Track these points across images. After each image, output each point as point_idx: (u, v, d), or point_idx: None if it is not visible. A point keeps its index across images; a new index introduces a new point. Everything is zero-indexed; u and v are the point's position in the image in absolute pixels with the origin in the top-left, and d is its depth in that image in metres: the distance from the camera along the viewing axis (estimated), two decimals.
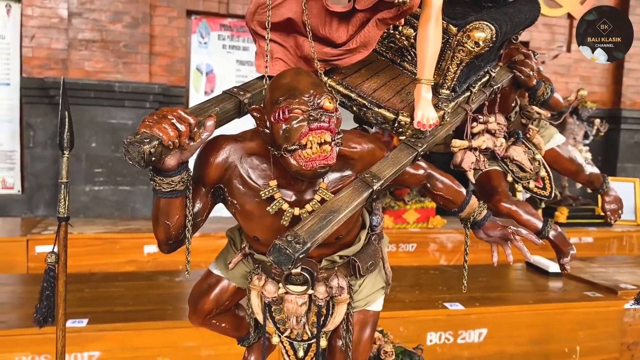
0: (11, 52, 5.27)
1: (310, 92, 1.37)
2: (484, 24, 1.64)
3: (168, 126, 1.26)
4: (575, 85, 6.63)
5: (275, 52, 1.64)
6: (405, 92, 1.70)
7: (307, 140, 1.34)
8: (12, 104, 5.28)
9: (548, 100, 2.25)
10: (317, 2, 1.58)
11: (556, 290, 4.40)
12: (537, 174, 2.45)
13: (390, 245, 5.39)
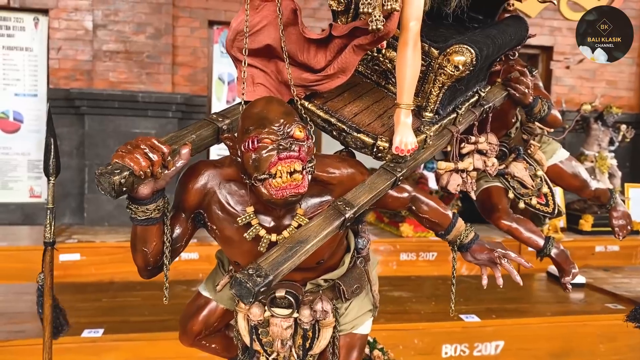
0: (39, 64, 5.42)
1: (280, 122, 1.38)
2: (464, 47, 1.63)
3: (140, 156, 1.28)
4: (601, 90, 6.49)
5: (257, 78, 1.65)
6: (388, 115, 1.70)
7: (276, 170, 1.35)
8: (39, 115, 5.43)
9: (545, 117, 2.22)
10: (295, 29, 1.59)
11: (577, 301, 4.32)
12: (539, 191, 2.41)
13: (410, 254, 5.37)
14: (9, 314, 3.47)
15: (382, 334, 3.56)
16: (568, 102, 6.36)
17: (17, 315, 3.45)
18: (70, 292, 3.95)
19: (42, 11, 5.38)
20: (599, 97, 6.23)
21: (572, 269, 2.33)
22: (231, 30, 1.61)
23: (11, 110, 5.38)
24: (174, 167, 1.36)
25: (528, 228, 2.35)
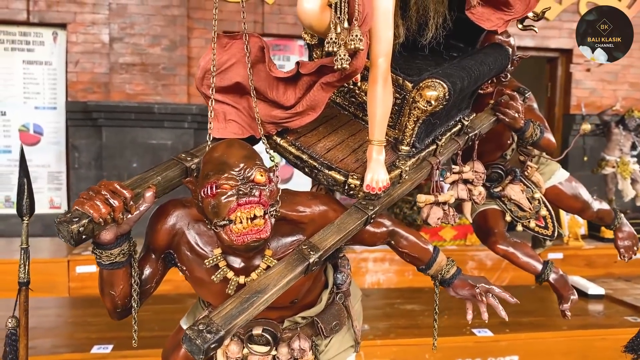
0: (57, 77, 5.52)
1: (240, 166, 1.36)
2: (437, 82, 1.59)
3: (100, 203, 1.28)
4: (623, 93, 6.34)
5: (229, 114, 1.65)
6: (362, 150, 1.67)
7: (235, 216, 1.34)
8: (58, 127, 5.53)
9: (538, 141, 2.16)
10: (264, 66, 1.59)
11: (595, 314, 4.23)
12: (538, 213, 2.36)
13: None
14: None
15: (393, 349, 3.54)
16: (589, 106, 6.23)
17: (30, 330, 3.48)
18: (83, 306, 4.01)
19: (61, 26, 5.48)
20: (620, 100, 6.08)
21: (570, 295, 2.27)
22: (200, 68, 1.61)
23: (31, 123, 5.49)
24: (137, 212, 1.36)
25: (525, 252, 2.30)
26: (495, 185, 2.34)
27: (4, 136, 5.43)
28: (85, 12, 5.47)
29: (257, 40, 1.60)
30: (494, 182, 2.34)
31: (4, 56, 5.41)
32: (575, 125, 6.22)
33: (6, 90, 5.42)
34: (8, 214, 5.38)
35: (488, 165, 2.36)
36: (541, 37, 6.14)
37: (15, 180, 5.44)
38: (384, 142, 1.57)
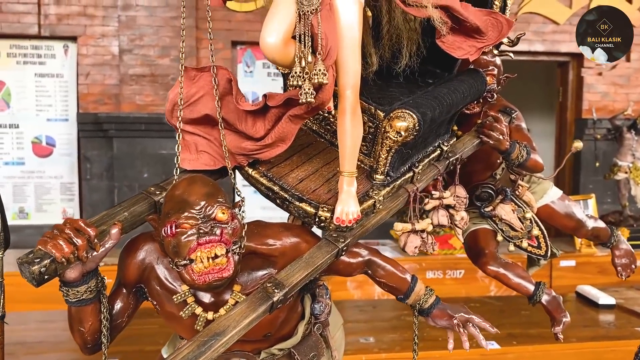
0: (69, 89, 5.60)
1: (200, 204, 1.36)
2: (406, 112, 1.58)
3: (63, 242, 1.28)
4: (636, 97, 6.23)
5: (200, 145, 1.66)
6: (336, 179, 1.66)
7: (196, 256, 1.33)
8: (70, 138, 5.61)
9: (525, 163, 2.13)
10: (233, 98, 1.60)
11: (606, 325, 4.16)
12: (530, 233, 2.33)
13: (437, 271, 5.29)
14: (29, 343, 3.56)
15: None
16: (601, 110, 6.14)
17: (37, 345, 3.55)
18: None
19: (71, 38, 5.55)
20: (632, 104, 5.98)
21: (563, 317, 2.24)
22: (168, 101, 1.62)
23: (44, 135, 5.58)
24: (102, 249, 1.36)
25: (517, 273, 2.28)
26: (486, 204, 2.32)
27: (17, 148, 5.53)
28: (95, 25, 5.54)
29: (225, 72, 1.61)
30: (484, 202, 2.33)
31: (16, 69, 5.50)
32: (587, 129, 6.14)
33: (19, 103, 5.52)
34: (22, 225, 5.47)
35: (478, 185, 2.34)
36: (551, 42, 6.06)
37: (30, 191, 5.55)
38: (354, 173, 1.57)
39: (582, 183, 6.29)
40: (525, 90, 7.97)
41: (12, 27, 5.41)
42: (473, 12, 1.64)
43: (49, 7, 5.44)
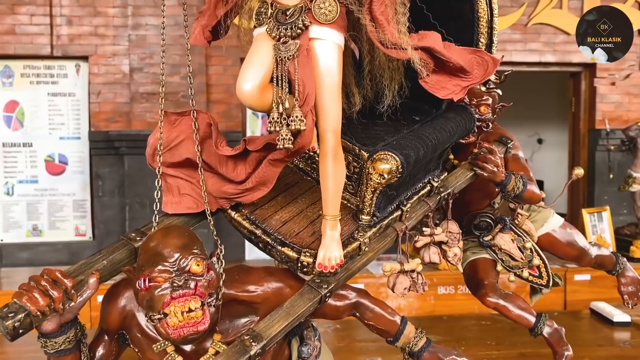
0: (81, 107, 5.67)
1: (174, 257, 1.35)
2: (389, 154, 1.57)
3: (38, 294, 1.28)
4: None
5: (182, 188, 1.67)
6: (321, 221, 1.64)
7: (169, 310, 1.33)
8: (82, 156, 5.68)
9: (521, 194, 2.10)
10: (213, 142, 1.60)
11: (621, 343, 4.09)
12: (530, 262, 2.30)
13: (449, 287, 5.24)
14: None
15: None
16: (614, 120, 6.05)
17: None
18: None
19: (83, 58, 5.62)
20: None
21: (565, 351, 2.21)
22: (149, 145, 1.63)
23: (56, 153, 5.65)
24: (80, 299, 1.36)
25: (517, 305, 2.25)
26: (485, 234, 2.30)
27: (31, 166, 5.60)
28: (106, 44, 5.61)
29: (205, 116, 1.62)
30: (483, 231, 2.31)
31: (29, 89, 5.59)
32: (601, 140, 6.06)
33: (32, 122, 5.60)
34: (35, 242, 5.55)
35: (476, 214, 2.32)
36: (562, 52, 6.00)
37: (44, 209, 5.62)
38: (338, 216, 1.56)
39: (597, 195, 6.20)
40: (537, 101, 7.91)
41: (25, 48, 5.50)
42: (457, 52, 1.62)
43: (61, 27, 5.52)
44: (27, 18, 5.51)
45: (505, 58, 6.00)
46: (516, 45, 6.01)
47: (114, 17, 5.61)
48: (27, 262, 5.47)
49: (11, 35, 5.49)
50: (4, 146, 5.56)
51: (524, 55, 6.03)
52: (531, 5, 5.95)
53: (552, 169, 7.89)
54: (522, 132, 8.18)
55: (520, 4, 5.93)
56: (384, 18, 1.48)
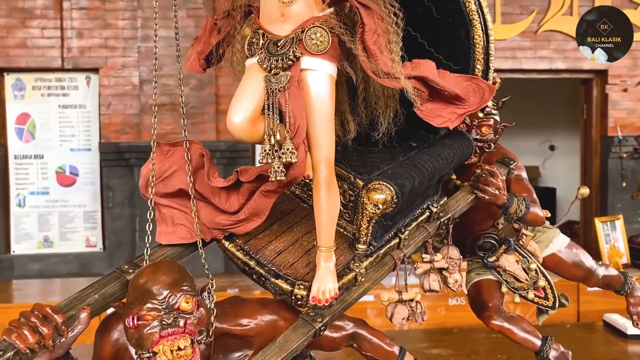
0: (91, 119, 5.72)
1: (163, 294, 1.34)
2: (384, 184, 1.55)
3: (28, 331, 1.28)
4: None
5: (177, 219, 1.66)
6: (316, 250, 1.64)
7: (158, 349, 1.32)
8: (93, 168, 5.72)
9: (524, 217, 2.07)
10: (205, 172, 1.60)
11: (635, 357, 4.03)
12: (536, 284, 2.27)
13: (460, 298, 5.19)
14: None
15: None
16: (627, 127, 5.98)
17: None
18: None
19: (93, 70, 5.67)
20: None
21: None
22: (142, 176, 1.64)
23: (67, 165, 5.69)
24: (71, 335, 1.36)
25: (522, 328, 2.23)
26: (489, 255, 2.28)
27: (42, 178, 5.65)
28: (116, 56, 5.65)
29: (198, 147, 1.62)
30: (487, 252, 2.28)
31: (41, 102, 5.64)
32: (614, 147, 5.99)
33: (43, 134, 5.65)
34: (46, 253, 5.59)
35: (480, 234, 2.30)
36: (573, 59, 5.94)
37: (54, 220, 5.67)
38: (332, 247, 1.54)
39: (610, 203, 6.12)
40: (548, 108, 7.85)
41: (36, 61, 5.56)
42: (452, 79, 1.61)
43: (71, 40, 5.57)
44: (38, 31, 5.57)
45: (515, 65, 5.97)
46: (526, 53, 5.96)
47: (123, 29, 5.66)
48: (38, 273, 5.51)
49: (23, 49, 5.55)
50: (15, 158, 5.62)
51: (534, 63, 5.98)
52: (541, 12, 5.90)
53: (565, 175, 7.83)
54: (534, 138, 8.12)
55: (530, 11, 5.89)
56: (377, 47, 1.47)
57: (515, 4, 5.91)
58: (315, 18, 1.49)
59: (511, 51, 5.94)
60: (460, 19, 1.68)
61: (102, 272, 5.62)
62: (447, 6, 1.68)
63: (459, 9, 1.66)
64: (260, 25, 1.56)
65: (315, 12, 1.51)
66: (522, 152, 8.21)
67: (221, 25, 1.68)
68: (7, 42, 5.54)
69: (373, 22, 1.47)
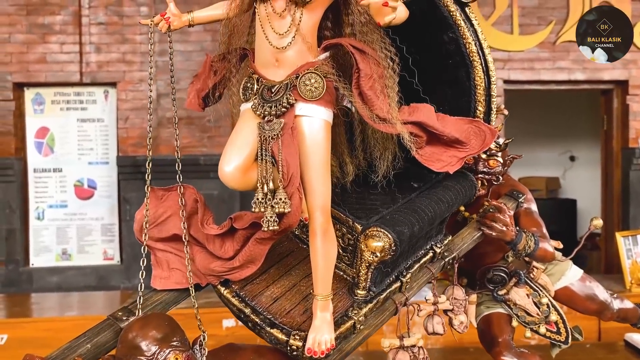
0: (109, 133, 5.77)
1: (152, 350, 1.34)
2: (382, 231, 1.52)
3: None
4: None
5: (172, 263, 1.66)
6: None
7: None
8: (110, 181, 5.77)
9: (533, 253, 2.03)
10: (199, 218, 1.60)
11: None
12: (547, 318, 2.22)
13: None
14: None
15: None
16: None
17: None
18: None
19: (111, 84, 5.73)
20: None
21: None
22: (136, 222, 1.64)
23: (85, 178, 5.76)
24: None
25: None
26: (499, 288, 2.24)
27: (60, 191, 5.72)
28: (133, 71, 5.70)
29: (192, 192, 1.62)
30: (497, 285, 2.24)
31: (60, 116, 5.72)
32: (635, 159, 5.87)
33: (62, 148, 5.72)
34: (64, 266, 5.65)
35: (490, 267, 2.26)
36: (592, 70, 5.85)
37: (72, 233, 5.73)
38: (329, 295, 1.52)
39: (632, 216, 6.00)
40: (568, 118, 7.73)
41: (56, 76, 5.63)
42: (452, 123, 1.58)
43: (90, 55, 5.64)
44: (57, 47, 5.64)
45: (533, 77, 5.88)
46: (544, 64, 5.88)
47: (141, 43, 5.71)
48: (56, 286, 5.57)
49: (42, 64, 5.64)
50: (35, 172, 5.69)
51: (553, 74, 5.89)
52: (559, 23, 5.82)
53: (585, 186, 7.69)
54: (554, 149, 8.00)
55: (548, 22, 5.81)
56: (373, 93, 1.45)
57: (533, 15, 5.84)
58: (309, 64, 1.48)
59: (529, 62, 5.87)
60: (461, 60, 1.65)
61: (119, 285, 5.68)
62: (448, 47, 1.65)
63: (459, 51, 1.63)
64: (255, 70, 1.55)
65: (310, 57, 1.49)
66: (541, 163, 8.15)
67: (217, 68, 1.68)
68: (27, 58, 5.63)
69: (369, 67, 1.45)
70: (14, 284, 5.56)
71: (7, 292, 5.48)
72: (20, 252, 5.59)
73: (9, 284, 5.56)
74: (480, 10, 5.78)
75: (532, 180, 7.65)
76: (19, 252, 5.59)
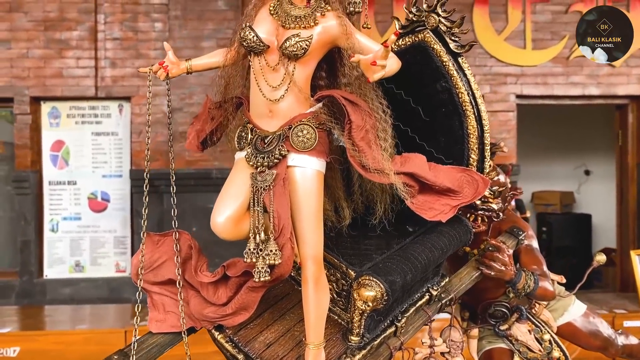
0: (123, 146, 5.84)
1: None
2: (374, 281, 1.51)
3: None
4: None
5: (168, 306, 1.69)
6: None
7: None
8: (124, 194, 5.84)
9: (533, 293, 2.02)
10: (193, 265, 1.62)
11: None
12: (550, 354, 2.21)
13: None
14: None
15: None
16: None
17: None
18: None
19: (125, 99, 5.80)
20: None
21: None
22: (132, 266, 1.67)
23: (99, 191, 5.83)
24: None
25: None
26: (501, 323, 2.23)
27: (74, 204, 5.80)
28: (147, 85, 5.75)
29: (187, 238, 1.64)
30: (498, 320, 2.23)
31: (75, 129, 5.80)
32: None
33: (77, 161, 5.80)
34: (77, 278, 5.72)
35: (491, 302, 2.26)
36: (607, 85, 5.81)
37: (86, 245, 5.80)
38: (321, 344, 1.53)
39: None
40: (583, 132, 7.65)
41: (71, 90, 5.72)
42: (444, 172, 1.58)
43: (105, 70, 5.72)
44: (73, 62, 5.73)
45: (546, 92, 5.84)
46: (558, 79, 5.84)
47: (155, 58, 5.76)
48: (69, 298, 5.65)
49: (58, 78, 5.72)
50: (50, 184, 5.78)
51: (567, 89, 5.85)
52: (572, 38, 5.77)
53: (600, 201, 7.61)
54: (569, 163, 7.93)
55: (562, 37, 5.77)
56: (364, 143, 1.46)
57: (547, 30, 5.81)
58: (302, 115, 1.50)
59: (542, 77, 5.83)
60: (454, 109, 1.65)
61: (130, 298, 5.74)
62: (441, 96, 1.65)
63: (452, 100, 1.64)
64: (250, 119, 1.57)
65: (303, 108, 1.51)
66: (556, 177, 8.07)
67: (214, 115, 1.70)
68: (44, 72, 5.72)
69: (360, 118, 1.46)
70: (28, 295, 5.65)
71: (22, 303, 5.57)
72: (35, 264, 5.68)
73: (23, 295, 5.64)
74: (493, 25, 5.76)
75: (547, 195, 7.59)
76: (33, 263, 5.68)
